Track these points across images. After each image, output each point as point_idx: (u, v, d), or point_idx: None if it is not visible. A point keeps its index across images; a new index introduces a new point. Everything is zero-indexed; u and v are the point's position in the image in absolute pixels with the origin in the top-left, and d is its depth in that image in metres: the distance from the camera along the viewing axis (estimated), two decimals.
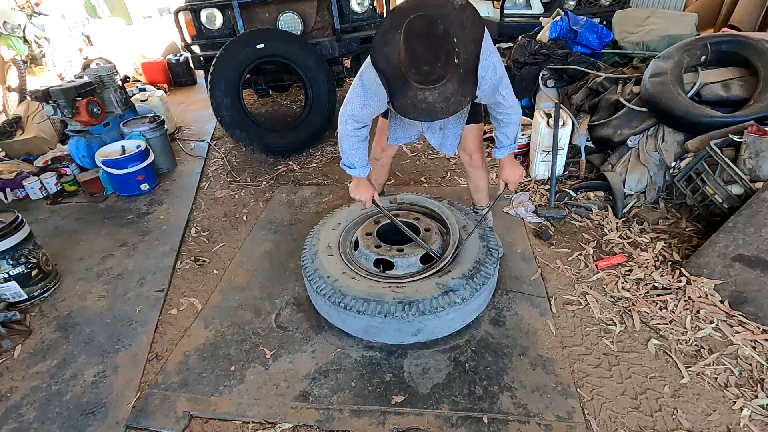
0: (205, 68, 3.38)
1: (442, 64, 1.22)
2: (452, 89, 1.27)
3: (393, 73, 1.30)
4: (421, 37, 1.21)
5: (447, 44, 1.21)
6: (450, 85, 1.26)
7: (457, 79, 1.26)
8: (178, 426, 1.50)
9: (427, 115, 1.32)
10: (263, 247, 2.43)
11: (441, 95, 1.27)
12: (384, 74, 1.31)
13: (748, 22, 4.09)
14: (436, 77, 1.23)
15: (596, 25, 3.26)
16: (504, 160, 1.86)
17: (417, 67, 1.23)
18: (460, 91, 1.28)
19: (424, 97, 1.28)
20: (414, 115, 1.33)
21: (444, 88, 1.26)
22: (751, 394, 1.48)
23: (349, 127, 1.67)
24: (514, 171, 1.88)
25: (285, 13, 3.45)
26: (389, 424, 1.46)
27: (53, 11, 6.04)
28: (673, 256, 2.09)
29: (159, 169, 3.36)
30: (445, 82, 1.25)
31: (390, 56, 1.29)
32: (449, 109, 1.30)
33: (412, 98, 1.29)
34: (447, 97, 1.27)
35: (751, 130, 1.99)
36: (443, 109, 1.30)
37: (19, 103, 4.48)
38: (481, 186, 2.23)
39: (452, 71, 1.24)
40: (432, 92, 1.26)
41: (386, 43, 1.28)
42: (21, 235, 2.06)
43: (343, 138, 1.72)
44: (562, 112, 2.73)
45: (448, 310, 1.61)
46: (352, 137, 1.70)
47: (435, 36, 1.21)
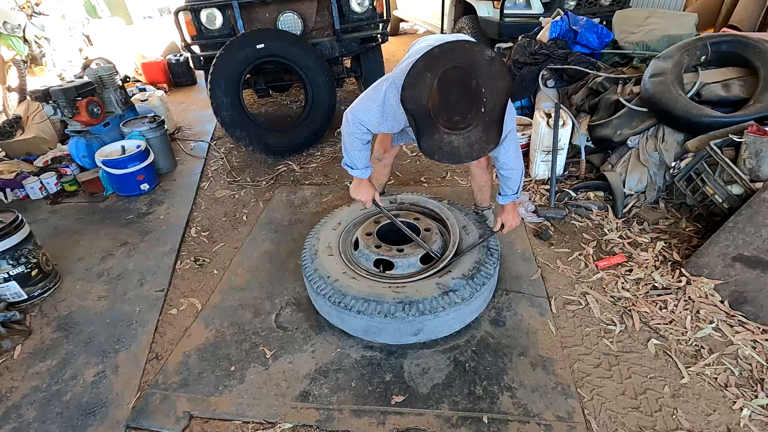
0: (205, 68, 3.38)
1: (470, 114, 1.29)
2: (477, 136, 1.34)
3: (421, 114, 1.35)
4: (455, 88, 1.28)
5: (476, 94, 1.28)
6: (475, 132, 1.33)
7: (482, 126, 1.33)
8: (178, 426, 1.50)
9: (451, 158, 1.39)
10: (263, 247, 2.43)
11: (466, 141, 1.34)
12: (412, 115, 1.36)
13: (748, 22, 4.09)
14: (465, 124, 1.30)
15: (596, 25, 3.26)
16: (507, 206, 1.91)
17: (449, 116, 1.30)
18: (484, 139, 1.35)
19: (450, 141, 1.34)
20: (438, 157, 1.40)
21: (469, 134, 1.33)
22: (751, 394, 1.48)
23: (356, 130, 1.68)
24: (514, 217, 1.92)
25: (285, 13, 3.45)
26: (389, 424, 1.46)
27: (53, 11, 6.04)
28: (673, 256, 2.09)
29: (159, 169, 3.36)
30: (471, 129, 1.32)
31: (420, 99, 1.33)
32: (472, 155, 1.38)
33: (438, 141, 1.35)
34: (471, 143, 1.34)
35: (751, 130, 1.99)
36: (467, 154, 1.37)
37: (19, 103, 4.48)
38: (484, 186, 2.23)
39: (478, 119, 1.31)
40: (458, 137, 1.33)
41: (416, 86, 1.33)
42: (21, 235, 2.06)
43: (348, 138, 1.72)
44: (562, 112, 2.73)
45: (448, 310, 1.61)
46: (357, 140, 1.71)
47: (468, 88, 1.28)
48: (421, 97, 1.32)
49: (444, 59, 1.30)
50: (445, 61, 1.29)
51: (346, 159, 1.80)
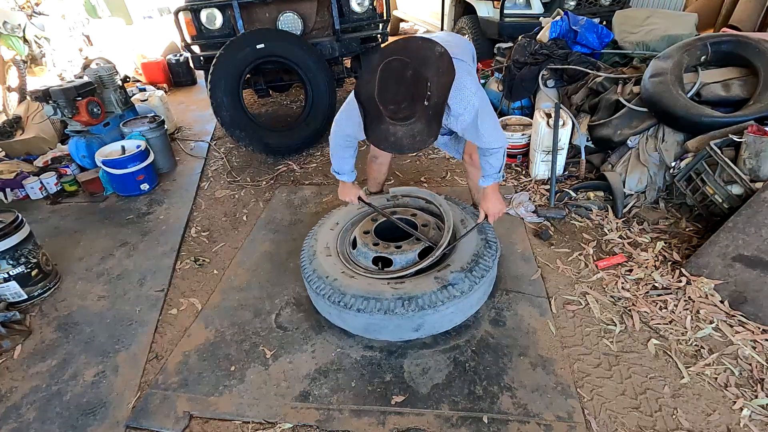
0: (205, 68, 3.38)
1: (407, 104, 1.32)
2: (419, 128, 1.38)
3: (371, 106, 1.40)
4: (391, 79, 1.32)
5: (415, 87, 1.31)
6: (418, 124, 1.37)
7: (425, 119, 1.36)
8: (178, 426, 1.50)
9: (394, 148, 1.44)
10: (263, 247, 2.43)
11: (409, 132, 1.38)
12: (363, 106, 1.43)
13: (748, 22, 4.09)
14: (403, 115, 1.34)
15: (596, 25, 3.26)
16: (488, 190, 1.85)
17: (384, 104, 1.34)
18: (426, 131, 1.39)
19: (394, 131, 1.39)
20: (384, 147, 1.45)
21: (412, 126, 1.37)
22: (751, 394, 1.48)
23: (339, 141, 1.80)
24: (495, 204, 1.86)
25: (285, 13, 3.45)
26: (389, 424, 1.46)
27: (53, 11, 6.04)
28: (673, 256, 2.09)
29: (159, 169, 3.36)
30: (414, 121, 1.36)
31: (370, 90, 1.38)
32: (414, 146, 1.42)
33: (384, 131, 1.41)
34: (413, 135, 1.39)
35: (751, 130, 1.99)
36: (409, 145, 1.41)
37: (19, 103, 4.48)
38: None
39: (421, 111, 1.34)
40: (401, 128, 1.37)
41: (370, 79, 1.38)
42: (21, 235, 2.06)
43: (335, 149, 1.85)
44: (562, 112, 2.73)
45: (447, 304, 1.61)
46: (342, 147, 1.83)
47: (404, 79, 1.31)
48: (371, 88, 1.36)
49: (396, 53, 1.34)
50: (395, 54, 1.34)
51: (334, 166, 1.93)
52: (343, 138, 1.78)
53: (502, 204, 1.89)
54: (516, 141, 2.98)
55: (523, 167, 3.05)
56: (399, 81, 1.31)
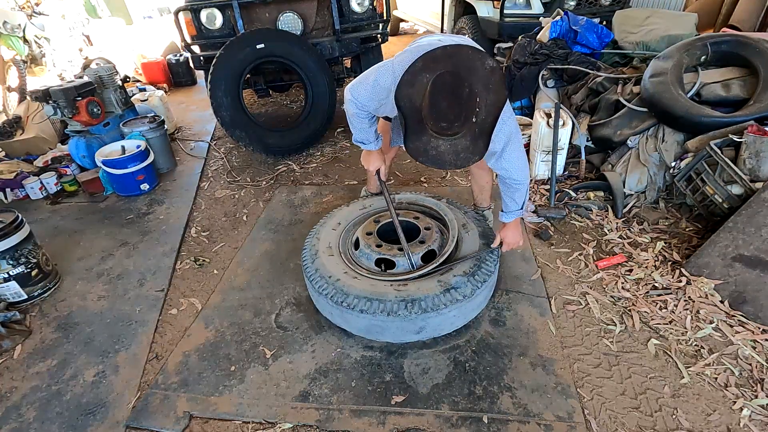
0: (205, 68, 3.38)
1: (460, 123, 1.26)
2: (464, 145, 1.31)
3: (413, 115, 1.32)
4: (446, 94, 1.25)
5: (469, 103, 1.25)
6: (463, 141, 1.31)
7: (471, 136, 1.30)
8: (178, 426, 1.50)
9: (435, 162, 1.36)
10: (263, 247, 2.43)
11: (452, 148, 1.32)
12: (404, 114, 1.34)
13: (748, 22, 4.09)
14: (453, 132, 1.28)
15: (596, 25, 3.26)
16: (509, 224, 1.82)
17: (436, 120, 1.27)
18: (471, 149, 1.32)
19: (437, 145, 1.32)
20: (423, 160, 1.37)
21: (457, 142, 1.30)
22: (751, 394, 1.48)
23: (354, 110, 1.70)
24: (515, 236, 1.84)
25: (285, 13, 3.44)
26: (389, 424, 1.46)
27: (53, 11, 6.04)
28: (673, 256, 2.09)
29: (159, 169, 3.36)
30: (460, 137, 1.29)
31: (413, 98, 1.31)
32: (457, 163, 1.35)
33: (425, 143, 1.33)
34: (458, 151, 1.32)
35: (751, 130, 1.99)
36: (451, 161, 1.35)
37: (19, 103, 4.47)
38: (485, 187, 2.23)
39: (468, 129, 1.28)
40: (445, 143, 1.31)
41: (412, 85, 1.30)
42: (21, 235, 2.05)
43: (352, 118, 1.74)
44: (562, 112, 2.73)
45: (450, 308, 1.61)
46: (360, 118, 1.72)
47: (460, 96, 1.25)
48: (415, 96, 1.30)
49: (444, 62, 1.27)
50: (444, 65, 1.26)
51: (356, 136, 1.83)
52: (357, 107, 1.67)
53: (521, 237, 1.87)
54: None
55: None
56: (452, 98, 1.25)
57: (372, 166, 1.96)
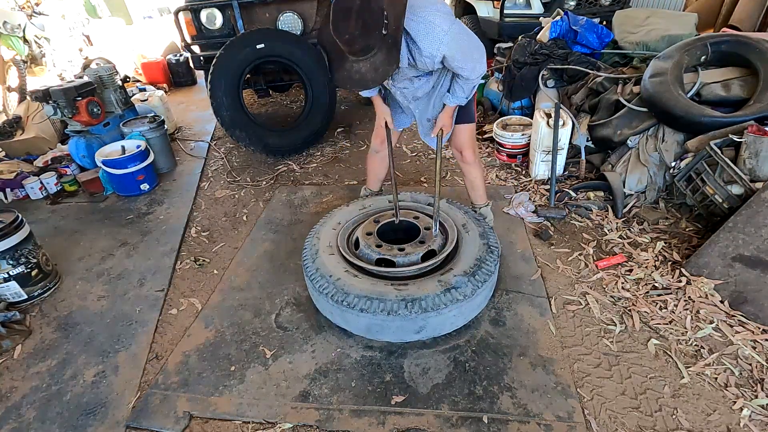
0: (205, 68, 3.38)
1: (360, 33, 1.35)
2: (381, 59, 1.41)
3: (332, 48, 1.45)
4: (342, 11, 1.35)
5: (366, 16, 1.34)
6: (379, 56, 1.41)
7: (386, 49, 1.40)
8: (178, 426, 1.50)
9: (360, 84, 1.48)
10: (263, 247, 2.43)
11: (371, 65, 1.42)
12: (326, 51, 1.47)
13: (748, 22, 4.09)
14: (360, 47, 1.38)
15: (596, 25, 3.26)
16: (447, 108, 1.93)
17: (339, 37, 1.37)
18: (387, 61, 1.42)
19: (358, 68, 1.43)
20: (350, 85, 1.49)
21: (374, 59, 1.41)
22: (751, 394, 1.48)
23: None
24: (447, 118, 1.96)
25: (285, 13, 3.45)
26: (389, 424, 1.46)
27: (53, 11, 6.04)
28: (673, 256, 2.09)
29: (159, 169, 3.36)
30: (375, 53, 1.40)
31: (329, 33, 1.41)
32: (377, 79, 1.46)
33: (348, 69, 1.45)
34: (376, 67, 1.42)
35: (751, 130, 1.99)
36: (373, 78, 1.45)
37: (19, 103, 4.48)
38: (477, 184, 2.24)
39: (380, 43, 1.38)
40: (364, 63, 1.42)
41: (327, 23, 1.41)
42: (21, 235, 2.06)
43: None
44: (562, 112, 2.73)
45: (450, 307, 1.61)
46: None
47: (353, 9, 1.34)
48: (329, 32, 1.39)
49: None
50: None
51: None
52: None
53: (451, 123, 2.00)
54: (516, 141, 2.98)
55: (523, 167, 3.05)
56: (350, 13, 1.34)
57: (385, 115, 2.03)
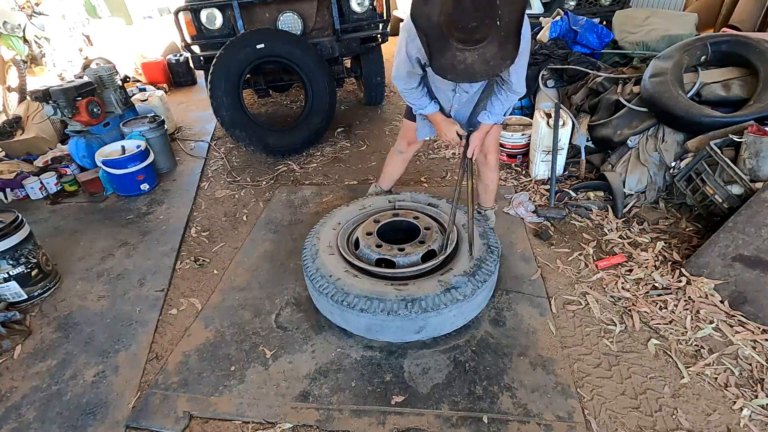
0: (205, 68, 3.38)
1: (488, 22, 1.20)
2: (492, 52, 1.25)
3: (433, 32, 1.27)
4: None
5: (493, 7, 1.19)
6: (490, 47, 1.24)
7: (497, 41, 1.24)
8: (178, 426, 1.50)
9: (466, 76, 1.30)
10: (263, 247, 2.43)
11: (480, 57, 1.25)
12: (424, 33, 1.28)
13: (748, 22, 4.09)
14: (480, 36, 1.21)
15: (596, 25, 3.26)
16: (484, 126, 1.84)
17: (463, 22, 1.20)
18: (500, 54, 1.26)
19: (464, 58, 1.26)
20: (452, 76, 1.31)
21: (484, 50, 1.24)
22: (751, 394, 1.48)
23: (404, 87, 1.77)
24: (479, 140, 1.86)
25: (285, 13, 3.45)
26: (389, 424, 1.46)
27: (53, 11, 6.03)
28: (673, 256, 2.09)
29: (159, 169, 3.36)
30: (486, 44, 1.23)
31: (431, 15, 1.26)
32: (489, 72, 1.29)
33: (450, 59, 1.27)
34: (486, 59, 1.25)
35: (751, 130, 1.99)
36: (482, 71, 1.28)
37: (19, 103, 4.48)
38: (492, 188, 2.23)
39: (494, 33, 1.22)
40: (472, 53, 1.25)
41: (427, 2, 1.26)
42: (21, 235, 2.05)
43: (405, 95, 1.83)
44: (562, 112, 2.73)
45: (450, 307, 1.61)
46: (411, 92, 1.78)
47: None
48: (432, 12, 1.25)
49: None
50: None
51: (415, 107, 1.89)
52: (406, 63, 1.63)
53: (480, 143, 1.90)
54: (516, 141, 2.98)
55: (523, 167, 3.05)
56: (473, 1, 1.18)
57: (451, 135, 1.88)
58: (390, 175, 2.42)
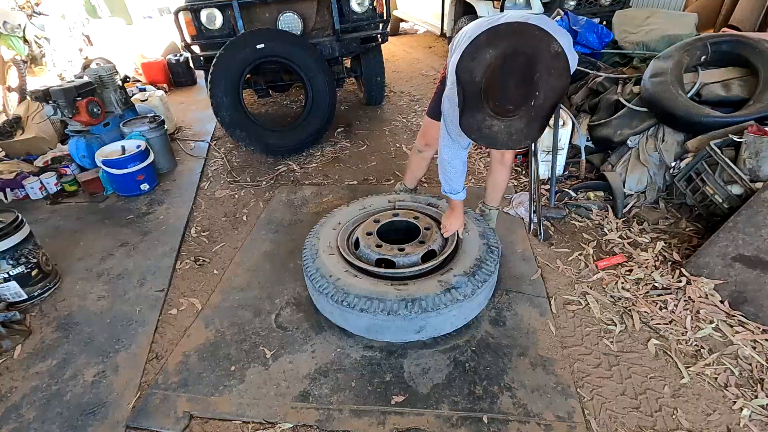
0: (205, 68, 3.38)
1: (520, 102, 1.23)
2: (518, 127, 1.28)
3: (471, 89, 1.30)
4: (515, 76, 1.22)
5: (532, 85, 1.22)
6: (518, 123, 1.27)
7: (527, 119, 1.27)
8: (178, 426, 1.50)
9: (487, 141, 1.35)
10: (263, 247, 2.43)
11: (507, 128, 1.29)
12: (463, 87, 1.31)
13: (748, 22, 4.09)
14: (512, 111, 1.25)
15: (596, 25, 3.26)
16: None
17: (501, 101, 1.24)
18: (525, 132, 1.29)
19: (491, 125, 1.30)
20: (475, 137, 1.36)
21: (512, 123, 1.27)
22: (751, 394, 1.48)
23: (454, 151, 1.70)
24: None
25: (285, 13, 3.44)
26: (389, 424, 1.46)
27: (53, 11, 6.03)
28: (673, 256, 2.09)
29: (159, 169, 3.36)
30: (516, 119, 1.26)
31: (474, 72, 1.28)
32: (509, 145, 1.33)
33: (479, 121, 1.31)
34: (511, 132, 1.29)
35: (751, 130, 1.99)
36: (504, 142, 1.32)
37: (19, 103, 4.47)
38: (500, 185, 2.22)
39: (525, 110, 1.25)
40: (500, 123, 1.28)
41: (475, 58, 1.27)
42: (21, 235, 2.05)
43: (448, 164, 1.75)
44: (562, 112, 2.73)
45: (450, 307, 1.61)
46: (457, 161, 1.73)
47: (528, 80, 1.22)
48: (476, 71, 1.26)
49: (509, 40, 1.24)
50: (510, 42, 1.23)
51: (446, 186, 1.83)
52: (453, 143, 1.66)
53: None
54: None
55: (523, 167, 3.05)
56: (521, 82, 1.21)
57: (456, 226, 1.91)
58: (413, 173, 2.44)
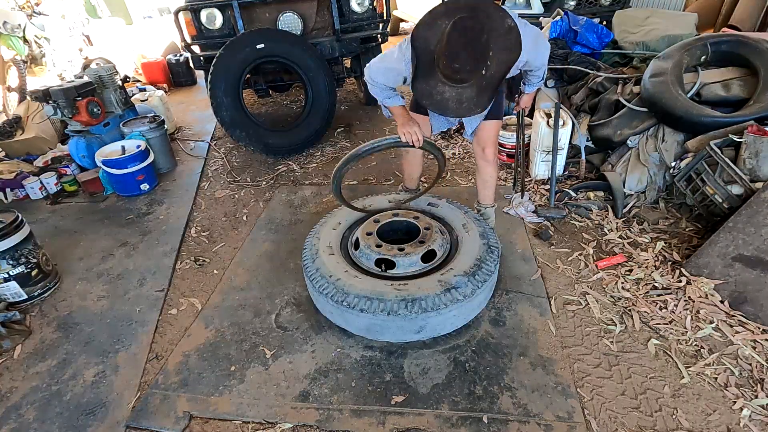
0: (205, 68, 3.38)
1: (470, 68, 1.27)
2: (468, 95, 1.33)
3: (425, 56, 1.35)
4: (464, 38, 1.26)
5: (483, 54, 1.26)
6: (468, 91, 1.32)
7: (477, 88, 1.32)
8: (178, 426, 1.50)
9: (438, 107, 1.40)
10: (263, 247, 2.43)
11: (457, 96, 1.33)
12: (417, 54, 1.37)
13: (748, 22, 4.09)
14: (463, 78, 1.29)
15: (596, 25, 3.26)
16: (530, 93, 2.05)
17: (449, 60, 1.28)
18: (474, 100, 1.34)
19: (442, 91, 1.34)
20: (427, 103, 1.41)
21: (462, 90, 1.32)
22: (751, 394, 1.48)
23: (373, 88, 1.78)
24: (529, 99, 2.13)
25: (285, 13, 3.45)
26: (389, 424, 1.46)
27: (53, 11, 6.03)
28: (673, 256, 2.09)
29: (159, 169, 3.36)
30: (466, 87, 1.31)
31: (429, 40, 1.33)
32: (458, 111, 1.38)
33: (432, 87, 1.35)
34: (461, 100, 1.34)
35: (751, 130, 1.99)
36: (454, 109, 1.37)
37: (19, 103, 4.47)
38: (489, 182, 2.22)
39: (476, 80, 1.30)
40: (450, 90, 1.33)
41: (430, 27, 1.33)
42: (21, 235, 2.06)
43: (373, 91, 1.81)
44: (562, 112, 2.73)
45: (450, 307, 1.61)
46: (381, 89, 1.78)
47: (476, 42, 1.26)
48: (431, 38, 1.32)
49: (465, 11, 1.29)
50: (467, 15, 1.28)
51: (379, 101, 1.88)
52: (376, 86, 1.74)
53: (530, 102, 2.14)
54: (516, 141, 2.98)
55: (524, 166, 3.04)
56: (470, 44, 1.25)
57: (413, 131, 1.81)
58: (409, 174, 2.43)
